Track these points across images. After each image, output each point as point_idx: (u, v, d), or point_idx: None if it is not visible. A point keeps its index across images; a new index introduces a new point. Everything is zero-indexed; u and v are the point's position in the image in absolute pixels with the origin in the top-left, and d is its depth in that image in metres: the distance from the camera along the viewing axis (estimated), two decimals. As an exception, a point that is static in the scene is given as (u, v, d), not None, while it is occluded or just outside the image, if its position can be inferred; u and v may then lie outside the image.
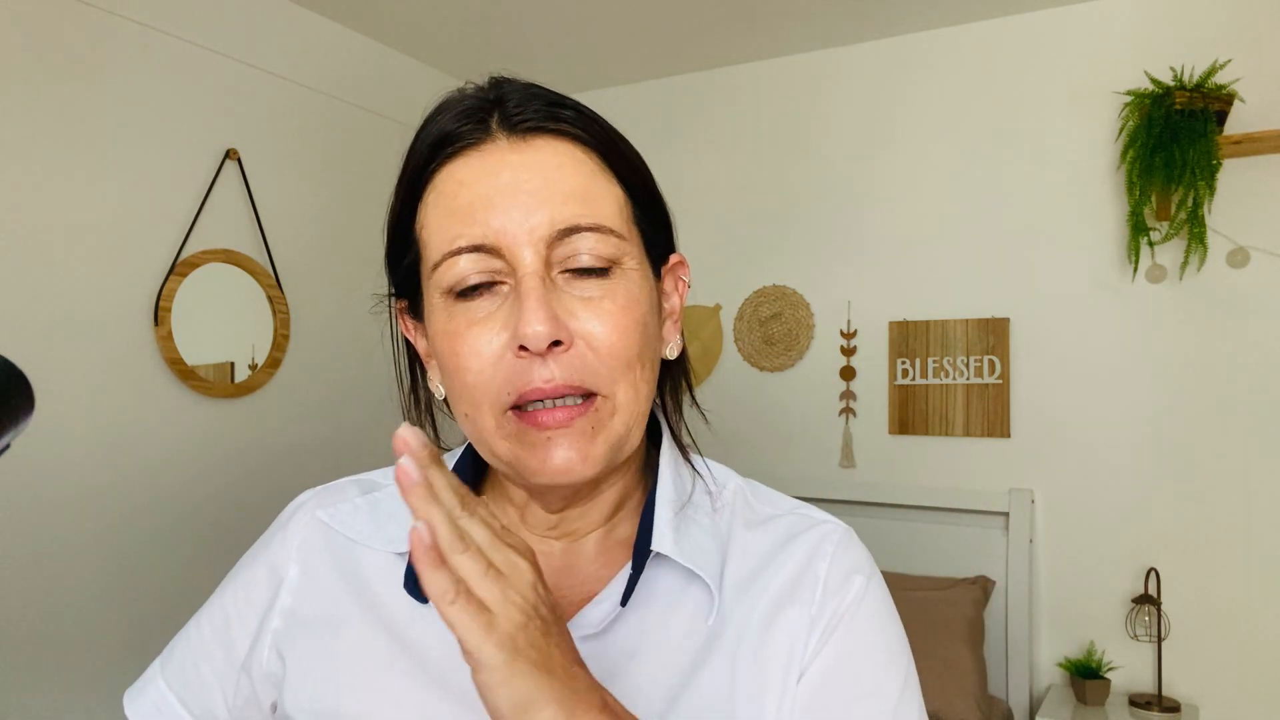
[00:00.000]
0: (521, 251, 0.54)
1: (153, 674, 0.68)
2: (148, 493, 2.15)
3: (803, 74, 2.80)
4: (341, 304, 2.68)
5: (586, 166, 0.57)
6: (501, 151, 0.55)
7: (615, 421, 0.56)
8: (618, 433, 0.56)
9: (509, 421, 0.55)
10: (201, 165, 2.30)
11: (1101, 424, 2.36)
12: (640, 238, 0.60)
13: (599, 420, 0.55)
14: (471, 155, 0.56)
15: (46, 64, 1.96)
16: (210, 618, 0.67)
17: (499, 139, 0.56)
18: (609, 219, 0.56)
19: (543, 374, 0.54)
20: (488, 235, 0.54)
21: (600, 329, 0.55)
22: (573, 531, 0.64)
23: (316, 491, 0.69)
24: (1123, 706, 2.18)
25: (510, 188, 0.54)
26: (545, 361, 0.54)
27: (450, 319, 0.56)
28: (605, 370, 0.55)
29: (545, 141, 0.56)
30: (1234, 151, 2.16)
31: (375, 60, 2.73)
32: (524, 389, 0.54)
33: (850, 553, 0.63)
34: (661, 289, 0.63)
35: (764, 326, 2.82)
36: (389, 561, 0.63)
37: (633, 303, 0.56)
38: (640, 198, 0.60)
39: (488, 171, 0.55)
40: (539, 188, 0.54)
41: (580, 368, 0.54)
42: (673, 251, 0.64)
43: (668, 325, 0.64)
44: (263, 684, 0.63)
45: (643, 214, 0.60)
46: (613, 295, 0.56)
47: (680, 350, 0.64)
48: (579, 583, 0.62)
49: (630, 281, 0.57)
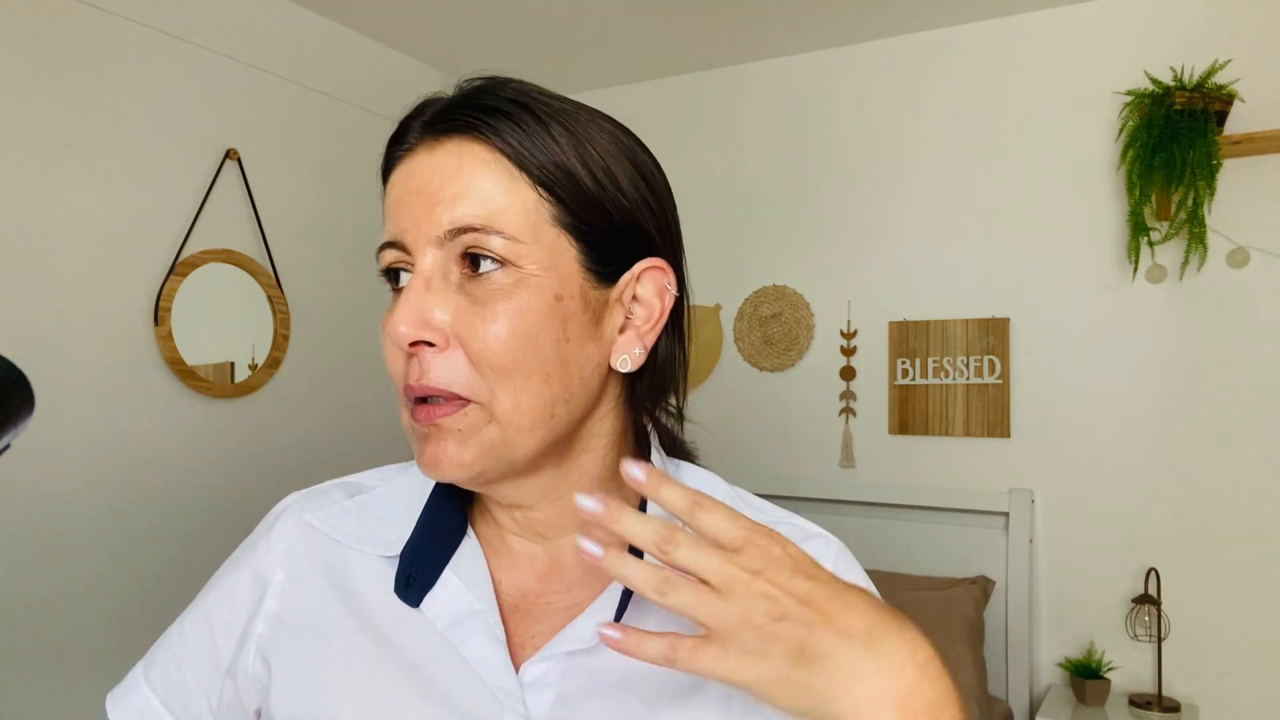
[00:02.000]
0: (419, 250, 0.56)
1: (135, 678, 0.67)
2: (147, 493, 2.15)
3: (803, 74, 2.80)
4: (341, 304, 2.68)
5: (492, 166, 0.55)
6: (419, 154, 0.57)
7: (491, 429, 0.55)
8: (492, 439, 0.55)
9: (409, 414, 0.58)
10: (201, 165, 2.30)
11: (1101, 424, 2.36)
12: (571, 243, 0.57)
13: (468, 424, 0.55)
14: (406, 157, 0.58)
15: (46, 64, 1.96)
16: (193, 623, 0.66)
17: (422, 141, 0.58)
18: (504, 222, 0.55)
19: (414, 373, 0.55)
20: (396, 233, 0.57)
21: (476, 334, 0.54)
22: (545, 535, 0.63)
23: (302, 495, 0.69)
24: (1123, 706, 2.18)
25: (415, 189, 0.56)
26: (420, 359, 0.55)
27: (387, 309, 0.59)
28: (478, 376, 0.55)
29: (455, 143, 0.56)
30: (1234, 151, 2.16)
31: (375, 60, 2.73)
32: (405, 384, 0.57)
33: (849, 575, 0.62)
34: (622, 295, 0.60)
35: (764, 326, 2.82)
36: (377, 565, 0.63)
37: (519, 310, 0.54)
38: (575, 202, 0.57)
39: (406, 173, 0.58)
40: (437, 189, 0.55)
41: (449, 370, 0.55)
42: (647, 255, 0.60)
43: (626, 335, 0.60)
44: (247, 689, 0.63)
45: (575, 219, 0.57)
46: (497, 299, 0.54)
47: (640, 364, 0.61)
48: (564, 587, 0.62)
49: (525, 288, 0.55)
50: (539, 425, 0.57)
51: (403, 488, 0.67)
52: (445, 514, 0.64)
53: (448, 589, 0.60)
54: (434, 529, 0.63)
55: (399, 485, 0.68)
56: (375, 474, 0.70)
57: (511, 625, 0.60)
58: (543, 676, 0.57)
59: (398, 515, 0.65)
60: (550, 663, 0.58)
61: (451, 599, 0.60)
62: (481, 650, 0.58)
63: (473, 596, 0.60)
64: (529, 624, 0.61)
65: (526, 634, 0.60)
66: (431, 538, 0.62)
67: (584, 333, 0.58)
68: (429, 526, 0.63)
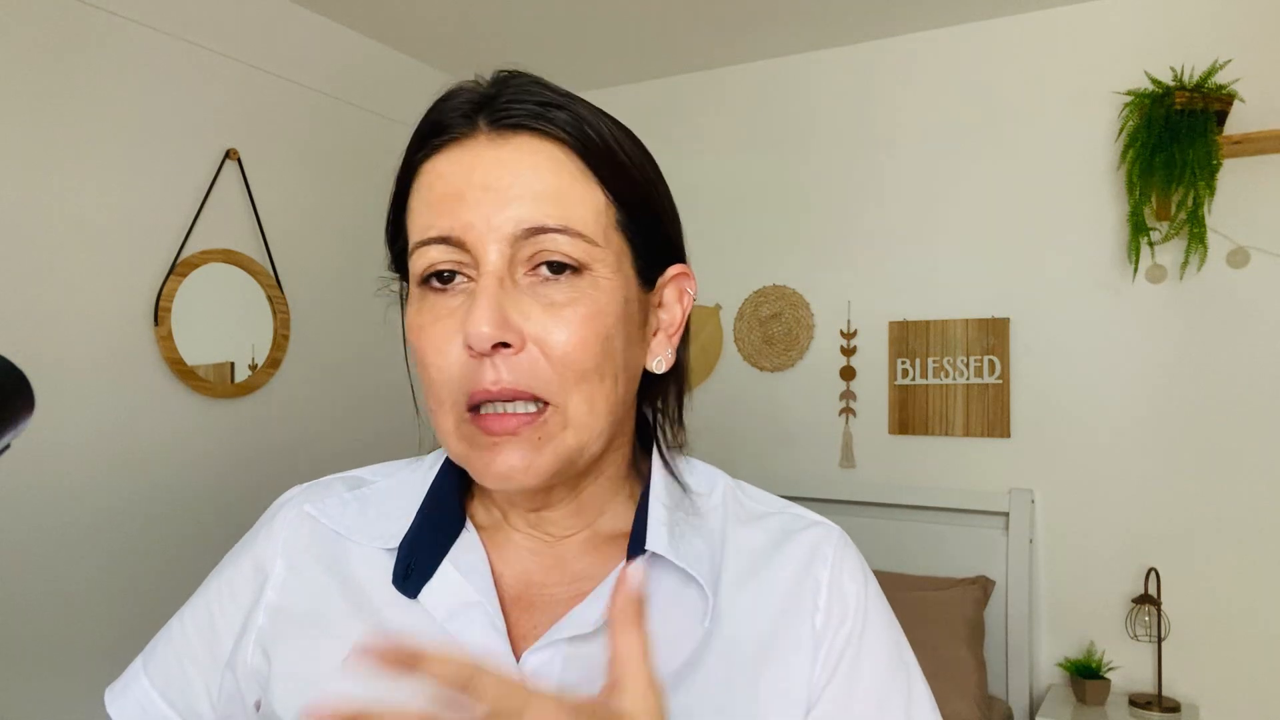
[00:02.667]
0: (486, 248, 0.53)
1: (135, 672, 0.67)
2: (147, 493, 2.15)
3: (803, 74, 2.80)
4: (341, 304, 2.68)
5: (565, 168, 0.55)
6: (480, 147, 0.55)
7: (566, 435, 0.55)
8: (568, 445, 0.55)
9: (465, 424, 0.55)
10: (201, 165, 2.30)
11: (1101, 424, 2.36)
12: (627, 246, 0.58)
13: (547, 431, 0.54)
14: (454, 149, 0.56)
15: (46, 64, 1.96)
16: (194, 615, 0.67)
17: (480, 134, 0.55)
18: (580, 223, 0.55)
19: (490, 376, 0.53)
20: (455, 228, 0.54)
21: (556, 336, 0.54)
22: (554, 532, 0.63)
23: (303, 488, 0.69)
24: (1123, 706, 2.18)
25: (481, 183, 0.54)
26: (495, 363, 0.53)
27: (419, 312, 0.56)
28: (557, 379, 0.54)
29: (525, 140, 0.55)
30: (1234, 151, 2.16)
31: (375, 60, 2.73)
32: (473, 389, 0.54)
33: (848, 561, 0.63)
34: (658, 300, 0.62)
35: (764, 326, 2.82)
36: (377, 558, 0.63)
37: (597, 313, 0.55)
38: (630, 205, 0.58)
39: (464, 165, 0.55)
40: (509, 185, 0.54)
41: (529, 373, 0.53)
42: (675, 262, 0.63)
43: (659, 338, 0.62)
44: (247, 681, 0.63)
45: (631, 222, 0.58)
46: (576, 303, 0.54)
47: (672, 364, 0.62)
48: (568, 579, 0.62)
49: (599, 290, 0.55)
50: (607, 429, 0.57)
51: (404, 483, 0.67)
52: (444, 506, 0.64)
53: (445, 580, 0.60)
54: (433, 521, 0.63)
55: (400, 481, 0.68)
56: (377, 469, 0.71)
57: (513, 617, 0.60)
58: (544, 665, 0.57)
59: (398, 509, 0.65)
60: (551, 651, 0.58)
61: (450, 590, 0.60)
62: (481, 641, 0.58)
63: (472, 588, 0.60)
64: (531, 615, 0.61)
65: (529, 625, 0.60)
66: (430, 530, 0.63)
67: (638, 335, 0.60)
68: (428, 519, 0.63)
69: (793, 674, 0.58)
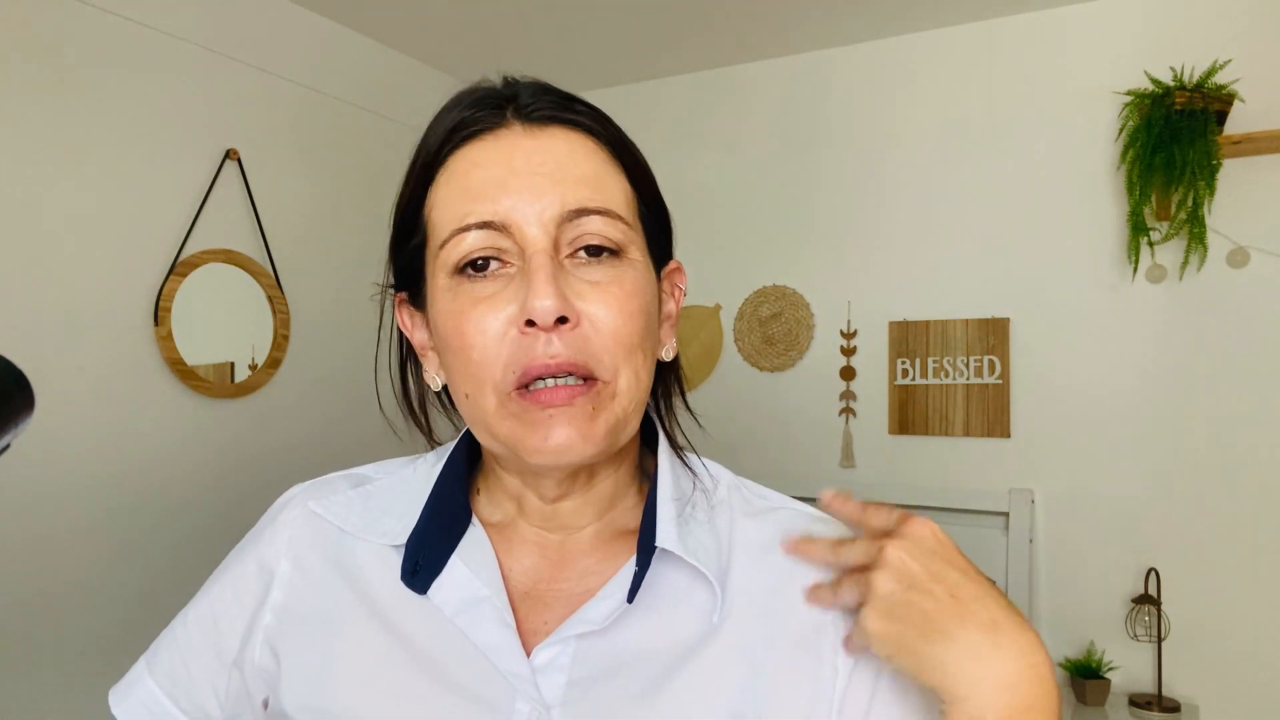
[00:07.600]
0: (531, 231, 0.55)
1: (139, 673, 0.67)
2: (147, 493, 2.15)
3: (802, 74, 2.80)
4: (341, 304, 2.68)
5: (597, 156, 0.58)
6: (516, 137, 0.57)
7: (615, 405, 0.56)
8: (617, 415, 0.57)
9: (511, 401, 0.55)
10: (201, 165, 2.30)
11: (1101, 424, 2.36)
12: (644, 235, 0.61)
13: (599, 401, 0.56)
14: (487, 139, 0.57)
15: (46, 64, 1.96)
16: (197, 616, 0.67)
17: (514, 125, 0.57)
18: (618, 206, 0.58)
19: (548, 350, 0.54)
20: (498, 213, 0.55)
21: (606, 312, 0.55)
22: (567, 526, 0.64)
23: (305, 486, 0.69)
24: (1123, 706, 2.18)
25: (524, 169, 0.56)
26: (550, 338, 0.54)
27: (455, 298, 0.57)
28: (608, 353, 0.56)
29: (558, 130, 0.58)
30: (1234, 151, 2.16)
31: (375, 60, 2.73)
32: (528, 364, 0.54)
33: None
34: (661, 291, 0.64)
35: (764, 326, 2.82)
36: (383, 554, 0.63)
37: (637, 290, 0.57)
38: (645, 197, 0.61)
39: (502, 153, 0.56)
40: (551, 170, 0.56)
41: (584, 348, 0.55)
42: (671, 257, 0.66)
43: (665, 328, 0.64)
44: (255, 680, 0.63)
45: (647, 213, 0.61)
46: (619, 281, 0.57)
47: (675, 354, 0.66)
48: (577, 575, 0.62)
49: (635, 271, 0.58)
50: (644, 402, 0.60)
51: (407, 480, 0.68)
52: (450, 503, 0.64)
53: (454, 576, 0.60)
54: (440, 517, 0.63)
55: (403, 478, 0.68)
56: (380, 466, 0.71)
57: (522, 612, 0.61)
58: (554, 660, 0.57)
59: (402, 506, 0.65)
60: (561, 646, 0.58)
61: (459, 586, 0.60)
62: (491, 636, 0.58)
63: (480, 583, 0.60)
64: (540, 610, 0.61)
65: (539, 620, 0.60)
66: (437, 526, 0.63)
67: (656, 321, 0.62)
68: (434, 515, 0.63)
69: (799, 668, 0.58)
